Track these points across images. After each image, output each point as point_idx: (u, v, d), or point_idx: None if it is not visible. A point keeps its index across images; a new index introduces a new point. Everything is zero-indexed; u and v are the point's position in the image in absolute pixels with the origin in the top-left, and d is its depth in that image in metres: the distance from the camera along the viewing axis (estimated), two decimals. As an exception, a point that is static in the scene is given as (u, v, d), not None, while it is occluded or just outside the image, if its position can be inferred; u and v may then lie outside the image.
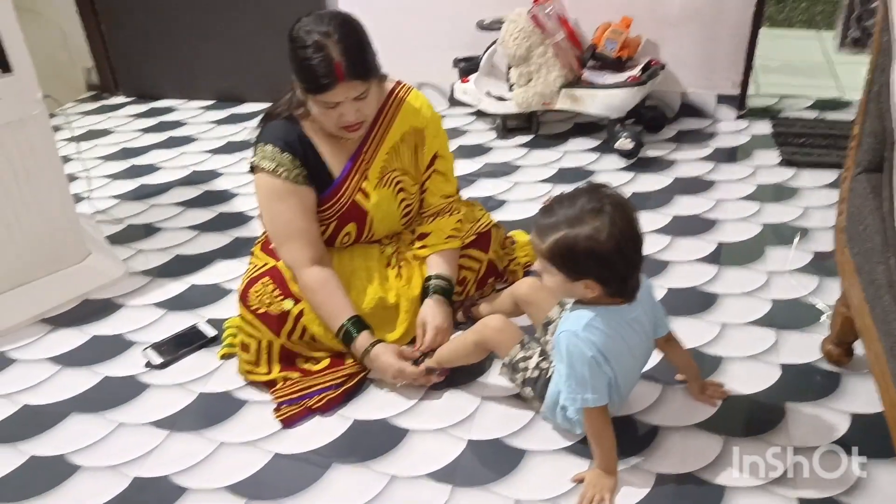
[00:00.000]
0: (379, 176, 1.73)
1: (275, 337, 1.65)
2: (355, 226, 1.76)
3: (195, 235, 2.35)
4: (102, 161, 2.94)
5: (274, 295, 1.66)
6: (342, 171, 1.70)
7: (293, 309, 1.66)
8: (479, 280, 1.89)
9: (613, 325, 1.33)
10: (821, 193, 2.41)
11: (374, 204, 1.73)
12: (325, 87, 1.50)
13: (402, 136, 1.74)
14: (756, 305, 1.87)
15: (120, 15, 3.44)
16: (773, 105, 3.12)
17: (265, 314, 1.65)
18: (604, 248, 1.24)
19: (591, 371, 1.32)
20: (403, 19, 3.11)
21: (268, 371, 1.67)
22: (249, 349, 1.67)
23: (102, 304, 2.03)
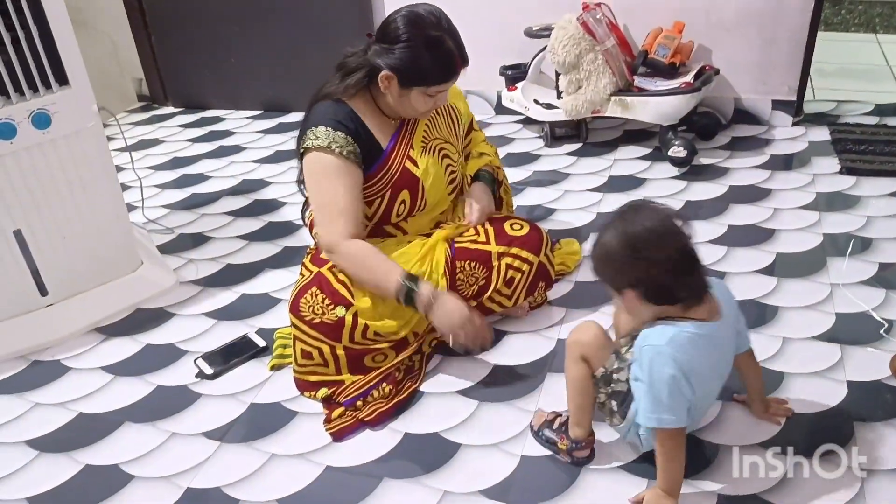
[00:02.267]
0: (422, 145, 1.77)
1: (336, 343, 1.64)
2: (408, 193, 1.75)
3: (245, 245, 2.37)
4: (153, 171, 2.98)
5: (325, 304, 1.65)
6: (390, 141, 1.73)
7: (346, 315, 1.64)
8: (530, 284, 1.84)
9: (698, 342, 1.27)
10: (884, 202, 2.32)
11: (423, 170, 1.75)
12: (450, 76, 1.64)
13: (435, 111, 1.81)
14: (819, 319, 1.81)
15: (169, 27, 3.51)
16: (831, 111, 3.03)
17: (320, 324, 1.64)
18: (615, 251, 1.25)
19: (670, 391, 1.26)
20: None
21: (337, 372, 1.67)
22: (313, 356, 1.66)
23: (154, 313, 2.05)
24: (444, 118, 1.85)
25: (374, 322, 1.65)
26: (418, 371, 1.73)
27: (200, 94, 3.65)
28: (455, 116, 1.88)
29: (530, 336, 1.84)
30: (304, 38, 3.27)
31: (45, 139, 1.81)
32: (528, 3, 2.94)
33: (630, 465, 1.43)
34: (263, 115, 3.50)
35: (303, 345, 1.66)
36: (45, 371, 1.84)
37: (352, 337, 1.65)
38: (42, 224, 1.88)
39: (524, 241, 1.80)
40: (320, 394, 1.66)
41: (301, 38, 3.28)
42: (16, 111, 1.75)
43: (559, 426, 1.49)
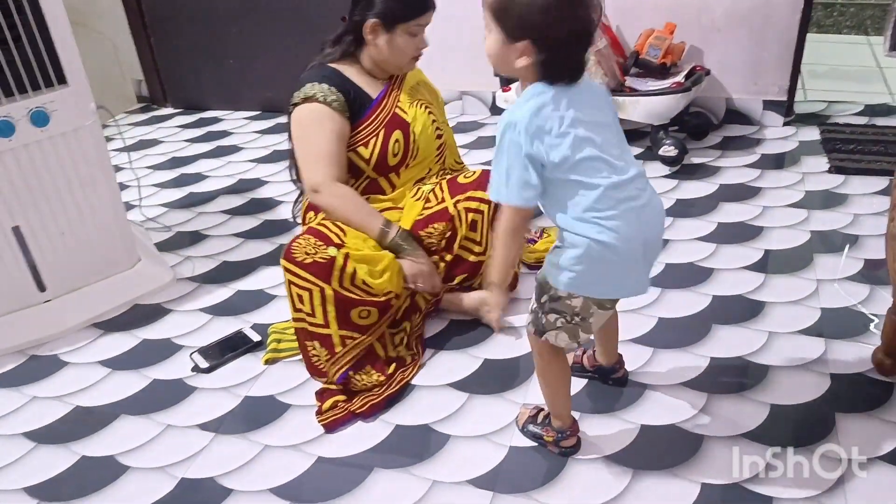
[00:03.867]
0: (409, 100, 1.93)
1: (326, 284, 1.64)
2: (402, 133, 1.88)
3: (241, 243, 2.40)
4: (152, 170, 3.02)
5: (317, 245, 1.66)
6: (380, 92, 1.89)
7: (338, 255, 1.65)
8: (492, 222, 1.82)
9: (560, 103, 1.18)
10: (871, 200, 2.35)
11: (413, 117, 1.90)
12: (423, 9, 1.79)
13: (414, 85, 1.98)
14: (804, 314, 1.84)
15: (169, 29, 3.54)
16: (822, 111, 3.06)
17: (312, 263, 1.64)
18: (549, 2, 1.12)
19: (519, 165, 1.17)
20: (446, 29, 3.12)
21: (324, 323, 1.67)
22: (303, 300, 1.67)
23: (152, 309, 2.08)
24: (425, 89, 2.02)
25: (362, 271, 1.66)
26: (411, 364, 1.75)
27: (199, 96, 3.68)
28: (435, 93, 2.07)
29: (519, 330, 1.86)
30: (302, 39, 3.30)
31: (44, 137, 1.84)
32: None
33: (615, 455, 1.46)
34: (261, 115, 3.53)
35: (296, 289, 1.66)
36: (43, 365, 1.87)
37: (341, 280, 1.65)
38: (40, 220, 1.91)
39: (477, 185, 1.87)
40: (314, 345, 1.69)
41: (299, 39, 3.31)
42: (14, 109, 1.78)
43: (542, 419, 1.52)
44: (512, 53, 1.17)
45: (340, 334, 1.68)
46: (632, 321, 1.84)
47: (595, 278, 1.25)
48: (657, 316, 1.87)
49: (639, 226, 1.23)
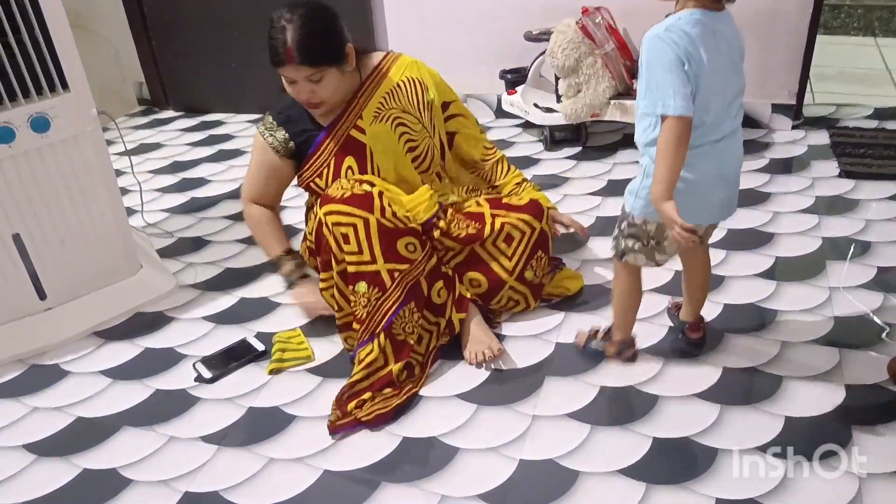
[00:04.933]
0: (374, 115, 1.85)
1: (370, 214, 1.67)
2: (353, 159, 1.83)
3: (244, 249, 2.37)
4: (153, 175, 2.99)
5: (351, 182, 1.73)
6: (332, 120, 1.84)
7: (374, 190, 1.71)
8: (532, 247, 1.88)
9: (701, 31, 1.31)
10: (882, 206, 2.32)
11: (371, 136, 1.83)
12: (277, 64, 1.70)
13: (397, 83, 1.89)
14: (817, 323, 1.81)
15: (170, 31, 3.52)
16: (831, 114, 3.03)
17: (352, 196, 1.68)
18: None
19: (667, 75, 1.28)
20: (451, 32, 3.11)
21: (372, 258, 1.67)
22: (349, 239, 1.67)
23: (154, 317, 2.05)
24: (406, 91, 1.90)
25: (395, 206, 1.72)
26: (420, 375, 1.73)
27: (201, 99, 3.65)
28: (420, 90, 1.93)
29: (529, 340, 1.84)
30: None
31: (44, 143, 1.81)
32: (527, 7, 2.95)
33: (628, 468, 1.43)
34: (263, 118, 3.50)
35: (340, 228, 1.66)
36: (44, 375, 1.84)
37: (382, 211, 1.69)
38: (41, 228, 1.88)
39: (522, 209, 1.90)
40: (360, 287, 1.68)
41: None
42: (14, 115, 1.75)
43: (603, 335, 1.72)
44: None
45: (388, 268, 1.68)
46: (643, 330, 1.81)
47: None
48: (667, 325, 1.84)
49: (715, 161, 1.41)
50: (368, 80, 1.87)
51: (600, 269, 2.10)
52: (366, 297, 1.68)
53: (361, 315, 1.69)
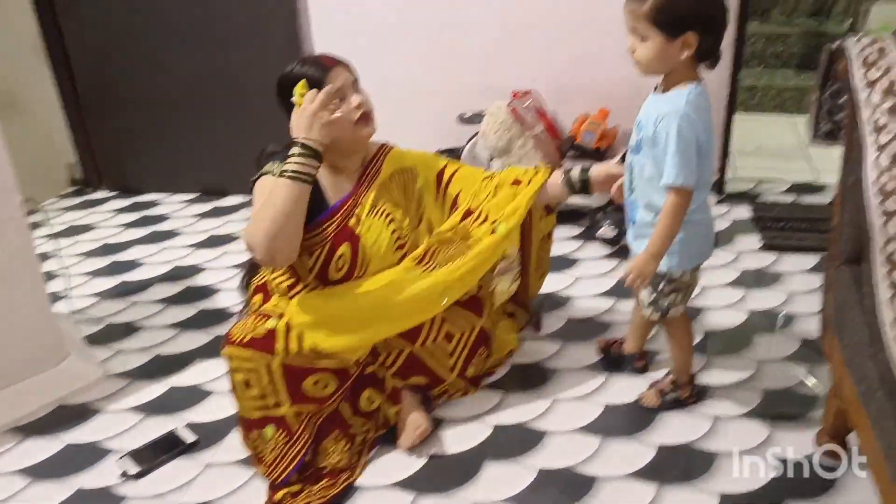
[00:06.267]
0: (371, 207, 1.76)
1: (270, 356, 1.57)
2: (349, 247, 1.71)
3: (176, 334, 2.31)
4: (83, 258, 2.91)
5: (255, 321, 1.61)
6: (342, 198, 1.73)
7: (279, 324, 1.59)
8: (473, 345, 1.86)
9: (704, 103, 1.47)
10: (804, 278, 2.42)
11: (366, 229, 1.74)
12: (321, 77, 1.62)
13: (390, 176, 1.82)
14: (747, 396, 1.85)
15: (105, 111, 3.48)
16: (751, 189, 3.17)
17: (252, 340, 1.57)
18: None
19: (692, 150, 1.44)
20: (388, 111, 3.14)
21: (276, 403, 1.60)
22: (251, 384, 1.59)
23: (78, 409, 1.97)
24: (399, 183, 1.84)
25: (310, 335, 1.60)
26: (356, 463, 1.69)
27: (136, 178, 3.60)
28: (409, 179, 1.86)
29: (467, 423, 1.82)
30: (241, 120, 3.29)
31: (-35, 232, 1.76)
32: (461, 91, 3.04)
33: (642, 470, 1.42)
34: (200, 198, 3.47)
35: (241, 375, 1.59)
36: (-44, 476, 1.74)
37: (287, 348, 1.58)
38: (-42, 320, 1.81)
39: (465, 304, 1.83)
40: (267, 432, 1.61)
41: (238, 120, 3.30)
42: (-66, 205, 1.70)
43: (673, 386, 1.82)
44: (673, 49, 1.42)
45: (295, 411, 1.61)
46: (579, 409, 1.83)
47: (695, 250, 1.64)
48: (604, 403, 1.86)
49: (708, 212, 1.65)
50: (369, 168, 1.80)
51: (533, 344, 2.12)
52: (274, 441, 1.62)
53: (269, 459, 1.63)
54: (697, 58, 1.46)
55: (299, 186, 1.54)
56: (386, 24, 3.04)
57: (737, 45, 2.76)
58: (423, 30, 3.02)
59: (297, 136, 1.56)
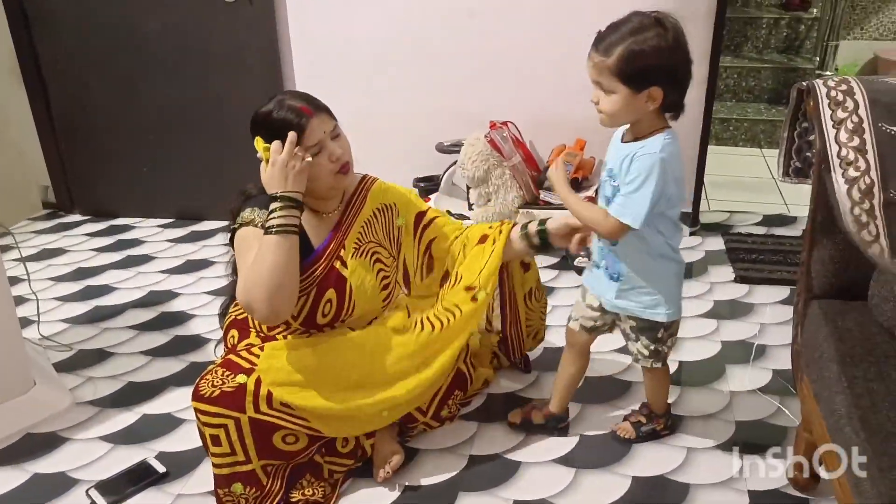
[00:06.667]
0: (355, 246, 1.73)
1: (240, 413, 1.53)
2: (335, 293, 1.69)
3: (148, 361, 2.28)
4: (55, 282, 2.87)
5: (225, 376, 1.55)
6: (324, 241, 1.70)
7: (248, 381, 1.54)
8: (448, 388, 1.87)
9: (674, 148, 1.47)
10: (775, 310, 2.46)
11: (352, 270, 1.71)
12: (303, 126, 1.56)
13: (373, 213, 1.80)
14: (720, 428, 1.86)
15: (79, 134, 3.46)
16: (725, 221, 3.22)
17: (220, 395, 1.52)
18: (669, 49, 1.38)
19: (655, 195, 1.44)
20: (366, 139, 3.15)
21: (245, 459, 1.56)
22: (220, 439, 1.55)
23: (46, 438, 1.93)
24: (382, 220, 1.82)
25: (279, 391, 1.56)
26: (330, 495, 1.67)
27: (110, 202, 3.57)
28: (391, 217, 1.84)
29: (441, 454, 1.82)
30: (217, 145, 3.29)
31: (-66, 258, 1.73)
32: (439, 120, 3.06)
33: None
34: (175, 223, 3.45)
35: (209, 429, 1.54)
36: (-83, 508, 1.70)
37: (256, 405, 1.54)
38: (-76, 346, 1.77)
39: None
40: (236, 489, 1.58)
41: (214, 145, 3.30)
42: None
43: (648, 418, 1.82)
44: (639, 102, 1.42)
45: (262, 464, 1.58)
46: (554, 441, 1.83)
47: (679, 292, 1.66)
48: (578, 434, 1.87)
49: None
50: (350, 206, 1.77)
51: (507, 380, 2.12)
52: (244, 498, 1.60)
53: None
54: (662, 109, 1.47)
55: (289, 239, 1.52)
56: (366, 55, 3.07)
57: (710, 78, 2.81)
58: (403, 61, 3.05)
59: (274, 190, 1.53)
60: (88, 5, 3.17)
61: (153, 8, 3.12)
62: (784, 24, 4.64)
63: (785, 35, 4.67)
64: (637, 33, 1.38)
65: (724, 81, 4.54)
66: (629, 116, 1.47)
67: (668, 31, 1.38)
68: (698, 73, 2.74)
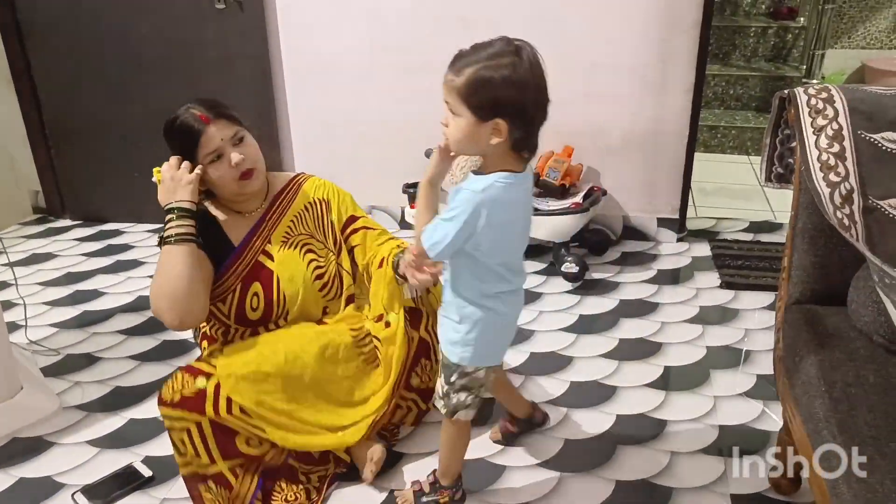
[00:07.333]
0: (282, 240, 1.78)
1: (201, 416, 1.55)
2: (260, 286, 1.73)
3: (136, 366, 2.28)
4: (44, 287, 2.87)
5: (185, 380, 1.57)
6: (244, 238, 1.75)
7: (208, 384, 1.56)
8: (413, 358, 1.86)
9: (512, 195, 1.31)
10: (760, 315, 2.48)
11: (279, 262, 1.75)
12: (199, 133, 1.63)
13: (304, 206, 1.84)
14: (704, 432, 1.88)
15: (70, 139, 3.46)
16: (711, 227, 3.25)
17: (182, 400, 1.55)
18: (520, 81, 1.23)
19: (463, 230, 1.29)
20: (356, 146, 3.20)
21: (210, 461, 1.58)
22: (185, 443, 1.57)
23: (32, 442, 1.93)
24: (313, 214, 1.85)
25: (238, 397, 1.57)
26: (317, 499, 1.68)
27: (101, 207, 3.57)
28: (324, 211, 1.87)
29: (427, 458, 1.82)
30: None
31: (-79, 262, 1.73)
32: (429, 127, 3.07)
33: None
34: (165, 228, 3.44)
35: (175, 434, 1.57)
36: None
37: (216, 408, 1.55)
38: (-89, 350, 1.77)
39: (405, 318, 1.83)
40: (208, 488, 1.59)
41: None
42: None
43: (432, 487, 1.64)
44: (483, 132, 1.27)
45: (229, 465, 1.59)
46: (539, 444, 1.84)
47: (493, 347, 1.49)
48: (563, 438, 1.88)
49: (518, 305, 1.49)
50: (277, 202, 1.81)
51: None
52: (215, 497, 1.60)
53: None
54: (515, 147, 1.30)
55: (184, 248, 1.60)
56: (356, 62, 3.08)
57: (696, 86, 2.84)
58: (393, 67, 3.06)
59: (166, 204, 1.64)
60: (79, 11, 3.18)
61: (144, 14, 3.14)
62: (772, 32, 4.69)
63: (772, 44, 4.71)
64: (492, 59, 1.24)
65: (713, 89, 4.58)
66: (473, 146, 1.30)
67: (523, 62, 1.24)
68: (685, 80, 2.81)
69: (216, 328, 1.79)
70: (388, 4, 2.96)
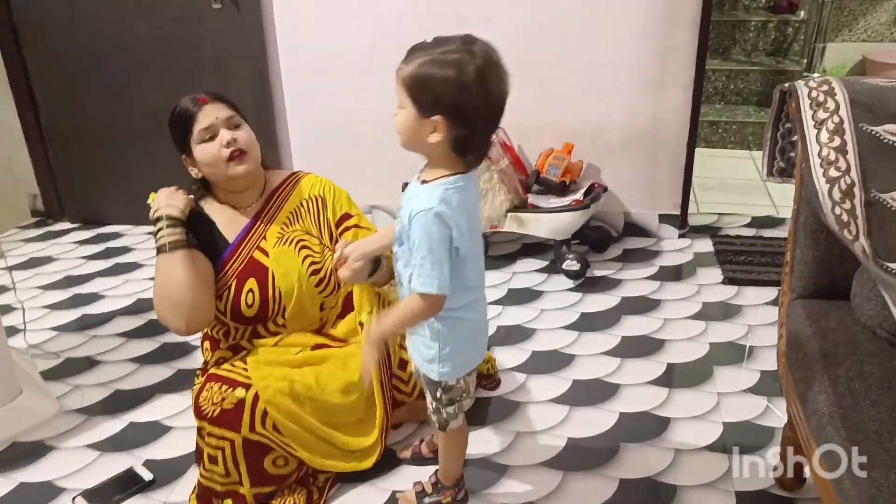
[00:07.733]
0: (278, 237, 1.78)
1: (236, 434, 1.56)
2: (255, 282, 1.72)
3: (136, 369, 2.27)
4: (43, 290, 2.86)
5: (223, 390, 1.57)
6: (239, 234, 1.77)
7: (247, 395, 1.57)
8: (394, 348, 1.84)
9: (464, 198, 1.28)
10: (764, 311, 2.46)
11: (274, 258, 1.75)
12: (194, 113, 1.67)
13: (300, 203, 1.85)
14: (708, 429, 1.86)
15: (68, 142, 3.46)
16: (713, 223, 3.23)
17: (221, 414, 1.55)
18: (464, 81, 1.19)
19: (445, 252, 1.26)
20: (354, 144, 3.19)
21: (238, 481, 1.59)
22: (216, 460, 1.57)
23: (32, 446, 1.92)
24: (309, 211, 1.85)
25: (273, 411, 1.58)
26: (318, 500, 1.67)
27: (99, 210, 3.56)
28: (321, 208, 1.86)
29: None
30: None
31: (-83, 266, 1.72)
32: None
33: None
34: (164, 230, 3.43)
35: (209, 448, 1.58)
36: None
37: (252, 425, 1.56)
38: None
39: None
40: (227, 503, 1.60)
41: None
42: None
43: (434, 488, 1.63)
44: (425, 128, 1.24)
45: (253, 492, 1.61)
46: (542, 443, 1.83)
47: (467, 355, 1.45)
48: (566, 436, 1.86)
49: (484, 308, 1.47)
50: (273, 198, 1.82)
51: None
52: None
53: None
54: (455, 148, 1.26)
55: (180, 254, 1.64)
56: (354, 60, 3.06)
57: (696, 81, 2.83)
58: (391, 66, 3.04)
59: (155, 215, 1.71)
60: (76, 13, 3.17)
61: (140, 14, 3.12)
62: (772, 27, 4.67)
63: (773, 38, 4.69)
64: (442, 55, 1.21)
65: (713, 84, 4.56)
66: (415, 142, 1.28)
67: (473, 62, 1.20)
68: (685, 75, 2.80)
69: (217, 329, 1.79)
70: (387, 4, 2.95)
